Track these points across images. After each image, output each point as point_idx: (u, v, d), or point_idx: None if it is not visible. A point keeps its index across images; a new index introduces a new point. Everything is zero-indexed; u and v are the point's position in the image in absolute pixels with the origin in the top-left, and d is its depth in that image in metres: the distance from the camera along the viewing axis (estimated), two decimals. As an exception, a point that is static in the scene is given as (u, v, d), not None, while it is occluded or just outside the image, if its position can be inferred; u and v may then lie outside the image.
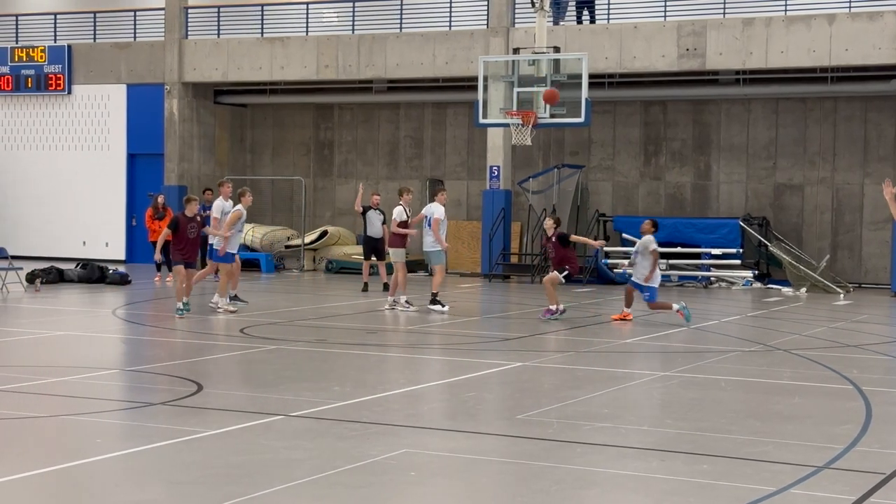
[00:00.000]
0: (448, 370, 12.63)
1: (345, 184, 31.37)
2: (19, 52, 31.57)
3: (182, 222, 17.43)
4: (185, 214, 17.57)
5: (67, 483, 7.62)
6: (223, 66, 29.69)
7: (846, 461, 8.36)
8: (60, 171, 31.45)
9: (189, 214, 17.55)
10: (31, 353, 13.93)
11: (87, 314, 19.12)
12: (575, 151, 28.89)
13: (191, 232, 17.45)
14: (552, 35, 23.77)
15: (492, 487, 7.77)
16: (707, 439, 9.07)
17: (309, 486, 7.47)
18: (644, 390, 11.45)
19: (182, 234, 17.39)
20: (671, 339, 15.82)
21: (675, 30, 25.55)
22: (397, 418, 9.75)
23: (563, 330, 15.81)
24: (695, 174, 28.03)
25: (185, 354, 13.77)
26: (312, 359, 13.42)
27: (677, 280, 25.84)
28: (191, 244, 17.52)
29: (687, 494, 7.42)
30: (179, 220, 17.49)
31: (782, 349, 14.72)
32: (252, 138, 32.35)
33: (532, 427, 9.49)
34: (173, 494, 7.28)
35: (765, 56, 24.88)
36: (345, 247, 28.67)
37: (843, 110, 26.67)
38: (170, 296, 21.49)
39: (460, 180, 30.02)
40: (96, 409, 10.13)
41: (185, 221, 17.44)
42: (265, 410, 9.88)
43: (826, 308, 21.14)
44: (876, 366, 13.76)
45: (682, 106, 28.06)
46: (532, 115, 20.22)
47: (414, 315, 17.92)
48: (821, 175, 26.94)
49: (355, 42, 28.41)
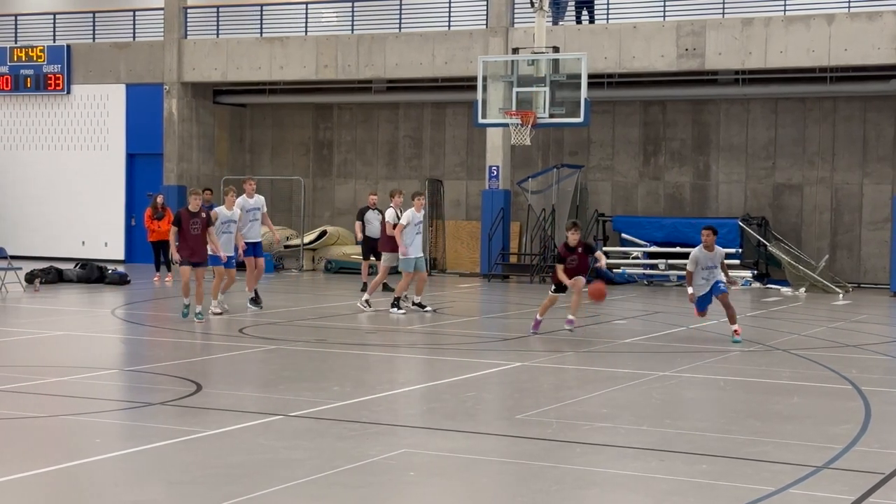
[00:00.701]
0: (447, 370, 12.63)
1: (344, 184, 31.38)
2: (18, 52, 31.56)
3: (184, 218, 16.56)
4: (189, 209, 16.69)
5: (67, 483, 7.62)
6: (222, 65, 29.69)
7: (845, 461, 8.36)
8: (59, 171, 31.44)
9: (192, 209, 16.64)
10: (30, 353, 13.93)
11: (87, 314, 19.12)
12: (574, 151, 28.89)
13: (193, 228, 16.56)
14: (551, 35, 23.76)
15: (491, 487, 7.77)
16: (706, 439, 9.07)
17: (308, 486, 7.47)
18: (643, 390, 11.45)
19: (185, 230, 16.53)
20: (671, 339, 15.81)
21: (675, 30, 25.56)
22: (397, 418, 9.75)
23: (562, 330, 15.80)
24: (694, 174, 28.03)
25: (184, 354, 13.76)
26: (312, 359, 13.41)
27: (677, 280, 25.83)
28: (195, 241, 16.59)
29: (686, 494, 7.42)
30: (182, 216, 16.61)
31: (781, 349, 14.73)
32: (251, 138, 32.35)
33: (531, 427, 9.49)
34: (173, 494, 7.28)
35: (764, 56, 24.89)
36: (344, 247, 28.67)
37: (843, 110, 26.67)
38: (169, 295, 21.49)
39: (459, 180, 30.02)
40: (96, 409, 10.13)
41: (188, 217, 16.57)
42: (265, 410, 9.88)
43: (825, 308, 21.14)
44: (875, 366, 13.77)
45: (681, 106, 28.06)
46: (531, 114, 20.22)
47: (402, 316, 17.80)
48: (820, 175, 26.95)
49: (354, 42, 28.41)
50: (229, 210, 17.68)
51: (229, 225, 17.59)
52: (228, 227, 17.57)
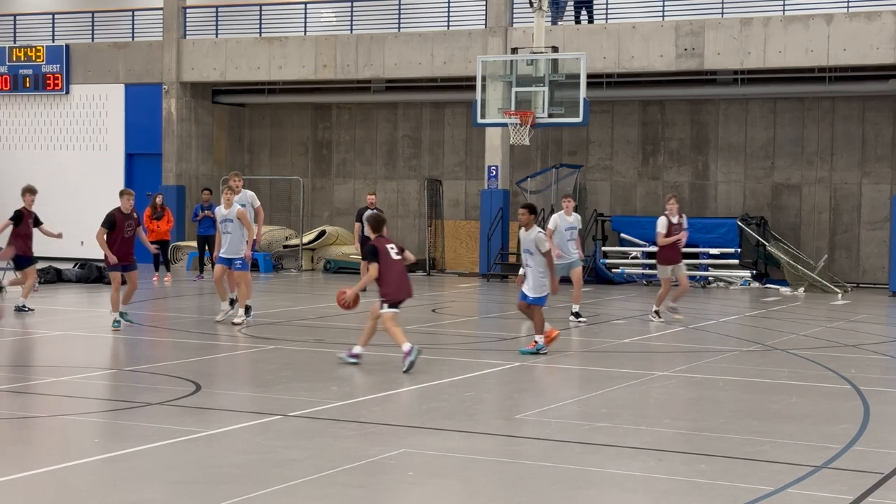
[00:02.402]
0: (447, 370, 12.63)
1: (343, 183, 31.38)
2: (17, 52, 31.56)
3: (119, 220, 15.76)
4: (121, 211, 15.89)
5: (66, 483, 7.63)
6: (221, 65, 29.69)
7: (844, 461, 8.37)
8: (58, 171, 31.42)
9: (125, 211, 15.92)
10: (30, 353, 13.93)
11: (86, 314, 19.12)
12: (573, 151, 28.90)
13: (127, 231, 15.93)
14: (550, 35, 23.79)
15: (490, 487, 7.78)
16: (705, 439, 9.08)
17: (307, 485, 7.47)
18: (642, 390, 11.46)
19: (118, 233, 15.78)
20: (669, 339, 15.83)
21: (674, 29, 25.57)
22: (395, 418, 9.76)
23: (562, 330, 15.80)
24: (693, 174, 28.04)
25: (183, 354, 13.76)
26: (311, 359, 13.42)
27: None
28: (127, 245, 15.92)
29: (685, 494, 7.43)
30: (116, 218, 15.75)
31: (780, 349, 14.74)
32: (250, 138, 32.35)
33: (530, 427, 9.50)
34: (172, 494, 7.29)
35: (763, 56, 24.90)
36: (343, 247, 28.68)
37: (841, 110, 26.68)
38: (168, 295, 21.53)
39: (458, 180, 30.03)
40: (95, 409, 10.14)
41: (122, 219, 15.79)
42: (264, 410, 9.89)
43: (824, 308, 21.15)
44: (874, 365, 13.78)
45: (680, 106, 28.07)
46: (530, 114, 20.26)
47: (409, 315, 17.84)
48: (819, 175, 26.96)
49: (353, 42, 28.41)
50: (226, 209, 16.53)
51: (226, 224, 16.46)
52: (226, 227, 16.45)
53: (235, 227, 16.44)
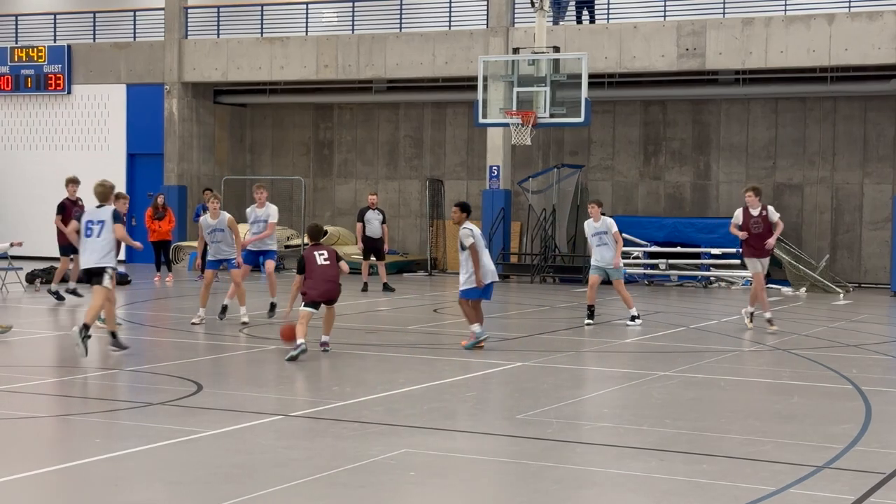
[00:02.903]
0: (448, 370, 12.63)
1: (344, 184, 31.39)
2: (19, 52, 31.57)
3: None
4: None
5: (67, 483, 7.62)
6: (223, 65, 29.70)
7: (845, 461, 8.36)
8: (60, 172, 31.27)
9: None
10: (30, 353, 13.93)
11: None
12: (574, 151, 28.89)
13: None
14: (552, 35, 23.79)
15: (491, 487, 7.77)
16: (706, 439, 9.07)
17: (308, 485, 7.47)
18: (643, 390, 11.45)
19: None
20: (671, 339, 15.82)
21: (675, 29, 25.56)
22: (397, 418, 9.75)
23: (562, 330, 15.80)
24: (694, 174, 28.04)
25: (184, 354, 13.76)
26: (312, 359, 13.41)
27: (677, 280, 25.85)
28: None
29: (686, 494, 7.42)
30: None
31: (782, 349, 14.73)
32: (252, 138, 32.35)
33: (532, 427, 9.50)
34: (173, 494, 7.28)
35: (764, 56, 24.89)
36: (344, 247, 28.67)
37: (843, 110, 26.67)
38: (170, 296, 21.52)
39: (460, 180, 30.02)
40: (96, 409, 10.13)
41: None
42: (264, 410, 9.88)
43: (825, 308, 21.14)
44: (875, 365, 13.77)
45: (681, 106, 28.06)
46: (531, 114, 20.24)
47: (410, 315, 17.88)
48: (820, 175, 26.95)
49: (355, 42, 28.41)
50: (213, 219, 16.35)
51: (215, 234, 16.31)
52: (214, 237, 16.31)
53: (226, 235, 16.45)
